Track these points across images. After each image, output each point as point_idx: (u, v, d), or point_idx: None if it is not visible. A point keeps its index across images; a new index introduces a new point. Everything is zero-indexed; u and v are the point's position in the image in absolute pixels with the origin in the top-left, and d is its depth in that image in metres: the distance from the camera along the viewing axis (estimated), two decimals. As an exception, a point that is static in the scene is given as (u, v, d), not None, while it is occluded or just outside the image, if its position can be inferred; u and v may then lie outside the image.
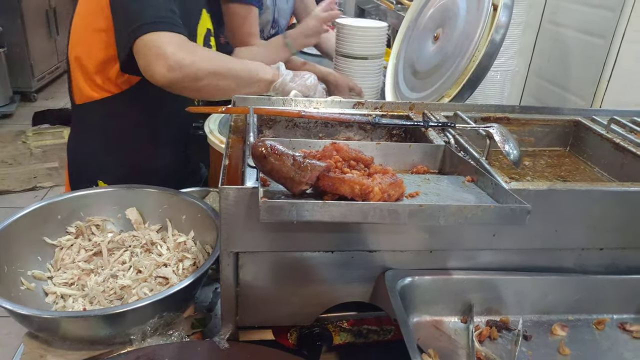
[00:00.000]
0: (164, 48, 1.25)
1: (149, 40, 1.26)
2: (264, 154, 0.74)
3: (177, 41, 1.28)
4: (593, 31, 1.63)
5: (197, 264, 1.14)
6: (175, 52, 1.26)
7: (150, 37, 1.26)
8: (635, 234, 1.01)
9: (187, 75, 1.28)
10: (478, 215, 0.73)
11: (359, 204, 0.71)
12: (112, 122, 1.53)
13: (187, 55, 1.28)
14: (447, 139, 1.10)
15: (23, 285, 1.06)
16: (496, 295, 0.97)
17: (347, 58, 1.90)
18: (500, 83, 1.86)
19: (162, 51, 1.25)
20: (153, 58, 1.26)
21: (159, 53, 1.25)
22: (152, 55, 1.26)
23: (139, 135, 1.56)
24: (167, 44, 1.26)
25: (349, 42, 1.87)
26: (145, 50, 1.27)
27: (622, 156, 1.19)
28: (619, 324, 1.00)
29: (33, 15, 5.49)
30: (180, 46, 1.28)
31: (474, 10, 1.47)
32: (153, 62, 1.26)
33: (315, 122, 1.21)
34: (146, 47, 1.27)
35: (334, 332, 1.02)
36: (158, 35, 1.26)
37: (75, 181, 1.61)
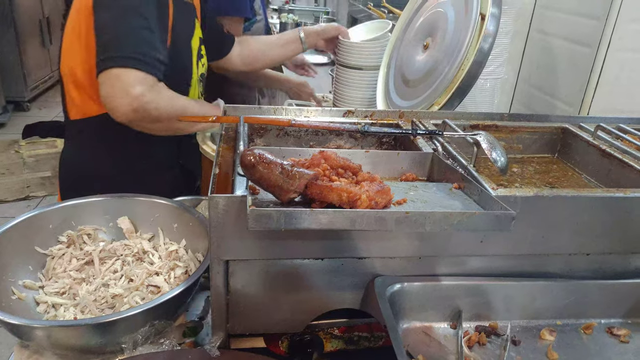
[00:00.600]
0: (132, 87, 1.25)
1: (118, 74, 1.26)
2: (253, 162, 0.75)
3: (146, 82, 1.28)
4: (580, 39, 1.66)
5: (188, 273, 1.14)
6: (142, 94, 1.26)
7: (121, 72, 1.26)
8: (622, 239, 1.02)
9: (147, 117, 1.31)
10: (463, 221, 0.74)
11: (346, 212, 0.72)
12: (108, 138, 1.52)
13: (154, 99, 1.29)
14: (435, 146, 1.11)
15: (14, 295, 1.06)
16: (485, 300, 0.98)
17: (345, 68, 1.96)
18: (490, 91, 1.88)
19: (130, 90, 1.25)
20: (119, 93, 1.26)
21: (126, 91, 1.25)
22: (119, 90, 1.26)
23: (133, 149, 1.55)
24: (135, 83, 1.26)
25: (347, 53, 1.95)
26: (111, 83, 1.26)
27: (609, 162, 1.21)
28: (607, 328, 1.01)
29: (26, 25, 5.50)
30: (149, 89, 1.28)
31: (462, 19, 1.49)
32: (118, 97, 1.26)
33: (306, 131, 1.22)
34: (114, 80, 1.26)
35: (325, 339, 1.03)
36: (128, 72, 1.26)
37: (67, 195, 1.59)
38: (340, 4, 5.29)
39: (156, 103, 1.30)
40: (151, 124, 1.34)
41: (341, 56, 1.97)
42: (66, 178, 1.63)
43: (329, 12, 5.10)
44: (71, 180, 1.62)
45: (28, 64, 5.56)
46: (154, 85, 1.31)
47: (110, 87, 1.26)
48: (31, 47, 5.66)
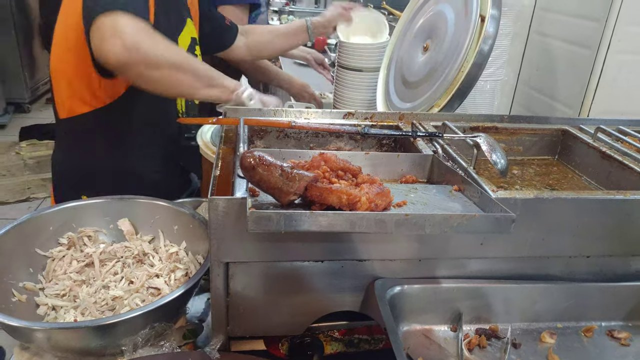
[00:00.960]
0: (122, 27, 1.15)
1: (106, 18, 1.16)
2: (253, 164, 0.75)
3: (138, 24, 1.18)
4: (579, 41, 1.66)
5: (189, 275, 1.14)
6: (135, 33, 1.16)
7: (109, 16, 1.16)
8: (622, 242, 1.02)
9: (144, 60, 1.19)
10: (463, 224, 0.74)
11: (346, 214, 0.72)
12: (97, 136, 1.51)
13: (147, 39, 1.18)
14: (436, 148, 1.11)
15: (14, 297, 1.06)
16: (485, 303, 0.98)
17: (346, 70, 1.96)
18: (490, 92, 1.88)
19: (120, 30, 1.15)
20: (108, 35, 1.16)
21: (115, 31, 1.15)
22: (108, 33, 1.16)
23: (129, 147, 1.54)
24: (126, 24, 1.16)
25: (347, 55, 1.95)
26: (101, 28, 1.17)
27: (609, 164, 1.21)
28: (607, 331, 1.01)
29: (26, 27, 5.51)
30: (142, 29, 1.19)
31: (461, 21, 1.49)
32: (107, 39, 1.16)
33: (306, 133, 1.22)
34: (103, 25, 1.16)
35: (325, 341, 1.03)
36: (117, 14, 1.16)
37: (60, 195, 1.59)
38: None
39: (151, 43, 1.19)
40: (149, 70, 1.21)
41: (342, 58, 1.97)
42: (58, 178, 1.62)
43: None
44: (63, 180, 1.61)
45: (29, 65, 5.57)
46: (146, 27, 1.21)
47: (98, 36, 1.17)
48: (32, 49, 5.67)
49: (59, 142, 1.60)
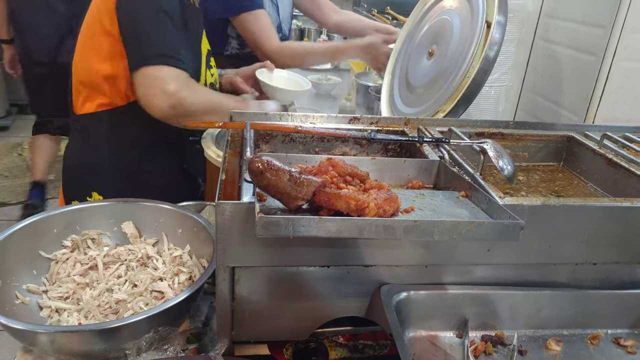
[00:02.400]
0: (167, 85, 1.30)
1: (153, 72, 1.31)
2: (261, 169, 0.74)
3: (180, 79, 1.33)
4: (585, 48, 1.66)
5: (192, 278, 1.14)
6: (178, 90, 1.31)
7: (155, 70, 1.31)
8: (629, 249, 1.02)
9: (184, 113, 1.35)
10: (472, 231, 0.74)
11: (354, 220, 0.72)
12: (112, 134, 1.54)
13: (189, 95, 1.34)
14: (442, 154, 1.11)
15: (18, 299, 1.06)
16: (491, 310, 0.97)
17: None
18: (494, 98, 1.88)
19: (166, 87, 1.30)
20: (156, 91, 1.31)
21: (162, 88, 1.30)
22: (155, 89, 1.31)
23: (137, 148, 1.57)
24: (170, 80, 1.31)
25: None
26: (147, 81, 1.32)
27: (615, 171, 1.21)
28: (614, 338, 1.01)
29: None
30: (183, 84, 1.34)
31: (467, 27, 1.49)
32: (156, 95, 1.31)
33: (311, 137, 1.22)
34: (149, 79, 1.31)
35: (330, 347, 1.02)
36: (162, 69, 1.31)
37: (69, 191, 1.62)
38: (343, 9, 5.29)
39: (191, 98, 1.34)
40: (185, 118, 1.37)
41: None
42: (68, 172, 1.64)
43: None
44: (73, 174, 1.63)
45: (32, 67, 5.56)
46: (187, 81, 1.36)
47: (146, 87, 1.32)
48: (35, 51, 5.66)
49: (73, 137, 1.64)
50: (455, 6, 1.61)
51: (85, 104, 1.52)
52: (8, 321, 0.91)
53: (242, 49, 2.36)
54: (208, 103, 1.41)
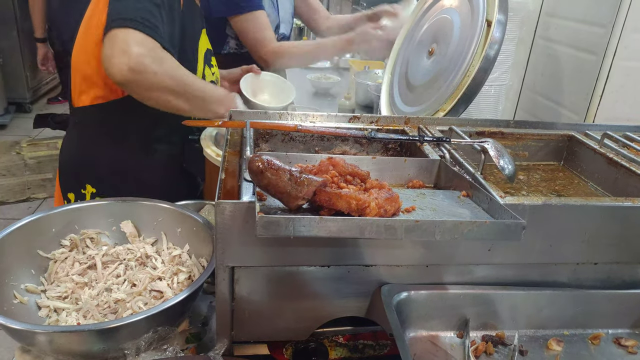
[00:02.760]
0: (131, 46, 1.23)
1: (119, 33, 1.24)
2: (261, 168, 0.74)
3: (147, 45, 1.26)
4: (585, 47, 1.65)
5: (192, 278, 1.13)
6: (142, 54, 1.24)
7: (121, 31, 1.24)
8: (630, 249, 1.01)
9: (143, 83, 1.27)
10: (474, 230, 0.73)
11: (355, 220, 0.72)
12: (107, 128, 1.54)
13: (152, 63, 1.26)
14: (442, 153, 1.11)
15: (16, 299, 1.05)
16: (492, 310, 0.97)
17: None
18: (494, 97, 1.88)
19: (128, 49, 1.23)
20: (117, 52, 1.23)
21: (124, 49, 1.23)
22: (117, 49, 1.24)
23: (133, 144, 1.56)
24: (135, 43, 1.24)
25: None
26: (112, 41, 1.24)
27: (616, 171, 1.21)
28: (614, 339, 1.00)
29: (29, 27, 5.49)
30: (149, 51, 1.26)
31: (468, 26, 1.49)
32: (116, 56, 1.23)
33: (311, 136, 1.21)
34: (114, 39, 1.24)
35: (330, 347, 1.02)
36: (129, 31, 1.24)
37: (65, 183, 1.62)
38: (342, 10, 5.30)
39: (156, 67, 1.26)
40: (147, 91, 1.30)
41: None
42: (64, 164, 1.64)
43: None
44: (69, 166, 1.62)
45: (30, 65, 5.56)
46: (154, 48, 1.28)
47: (109, 48, 1.25)
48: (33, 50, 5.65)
49: (70, 130, 1.64)
50: (455, 5, 1.60)
51: (81, 97, 1.51)
52: (6, 321, 0.90)
53: (240, 48, 2.35)
54: (177, 79, 1.33)
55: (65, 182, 1.62)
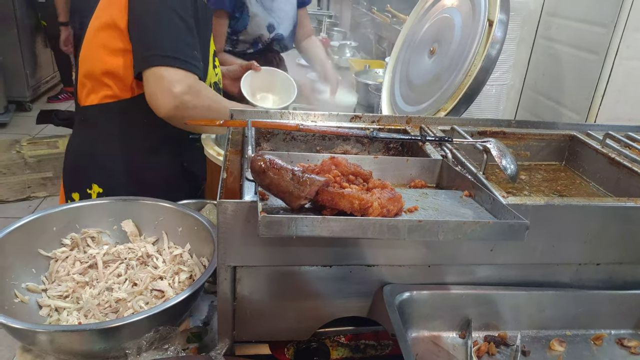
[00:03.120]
0: (174, 86, 1.32)
1: (161, 73, 1.32)
2: (263, 168, 0.74)
3: (187, 82, 1.34)
4: (587, 47, 1.65)
5: (193, 277, 1.13)
6: (184, 93, 1.33)
7: (163, 71, 1.32)
8: (632, 249, 1.01)
9: (187, 116, 1.36)
10: (477, 231, 0.73)
11: (358, 219, 0.71)
12: (114, 127, 1.54)
13: (193, 99, 1.35)
14: (444, 153, 1.10)
15: (17, 298, 1.05)
16: (494, 310, 0.97)
17: None
18: (495, 97, 1.88)
19: (171, 88, 1.32)
20: (162, 91, 1.32)
21: (169, 89, 1.32)
22: (162, 89, 1.32)
23: (138, 144, 1.56)
24: (177, 82, 1.33)
25: None
26: (155, 81, 1.33)
27: (618, 171, 1.20)
28: (617, 339, 1.00)
29: (29, 26, 5.50)
30: (189, 88, 1.35)
31: (469, 25, 1.49)
32: (161, 95, 1.33)
33: (312, 135, 1.21)
34: (157, 79, 1.33)
35: (332, 347, 1.01)
36: (170, 71, 1.32)
37: (70, 183, 1.61)
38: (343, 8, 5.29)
39: (195, 101, 1.36)
40: (185, 119, 1.39)
41: None
42: (69, 163, 1.64)
43: (332, 15, 5.10)
44: (74, 165, 1.62)
45: (30, 64, 5.56)
46: (194, 84, 1.37)
47: (153, 86, 1.33)
48: (34, 47, 5.66)
49: (76, 129, 1.64)
50: (456, 4, 1.60)
51: (89, 96, 1.51)
52: (7, 320, 0.90)
53: (234, 47, 2.36)
54: (212, 108, 1.41)
55: (71, 181, 1.61)
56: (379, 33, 3.68)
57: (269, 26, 2.36)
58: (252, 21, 2.30)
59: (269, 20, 2.35)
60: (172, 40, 1.35)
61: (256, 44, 2.38)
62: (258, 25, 2.33)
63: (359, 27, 4.36)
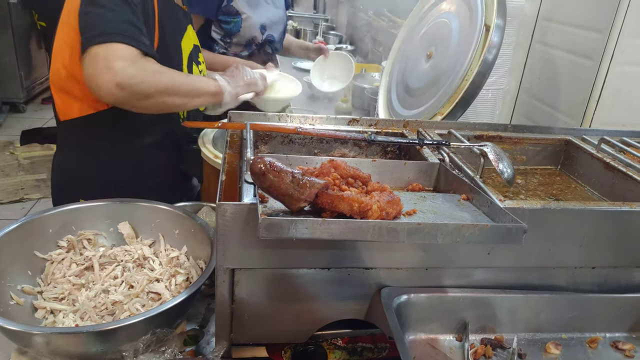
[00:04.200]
0: (113, 62, 1.19)
1: (99, 51, 1.20)
2: (263, 170, 0.74)
3: (129, 55, 1.22)
4: (582, 52, 1.66)
5: (190, 280, 1.13)
6: (125, 67, 1.20)
7: (100, 48, 1.20)
8: (627, 253, 1.02)
9: (134, 94, 1.24)
10: (475, 234, 0.73)
11: (358, 222, 0.72)
12: (98, 140, 1.49)
13: (137, 73, 1.22)
14: (442, 156, 1.11)
15: (12, 300, 1.04)
16: (490, 313, 0.97)
17: None
18: (491, 101, 1.89)
19: (111, 64, 1.19)
20: (101, 70, 1.19)
21: (107, 66, 1.19)
22: (100, 67, 1.19)
23: (126, 152, 1.52)
24: (117, 57, 1.20)
25: None
26: (93, 61, 1.20)
27: (613, 175, 1.21)
28: (612, 342, 1.01)
29: (23, 27, 5.47)
30: (132, 61, 1.22)
31: (466, 30, 1.50)
32: (100, 74, 1.19)
33: (310, 138, 1.21)
34: (95, 58, 1.20)
35: (329, 349, 1.01)
36: (109, 46, 1.20)
37: (59, 199, 1.56)
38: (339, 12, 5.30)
39: (141, 77, 1.23)
40: (140, 101, 1.27)
41: None
42: (57, 181, 1.60)
43: (328, 19, 5.11)
44: (61, 183, 1.58)
45: (25, 65, 5.53)
46: (137, 58, 1.23)
47: (91, 67, 1.20)
48: (28, 48, 5.63)
49: (60, 144, 1.58)
50: (454, 9, 1.61)
51: (65, 111, 1.46)
52: (3, 322, 0.89)
53: (227, 50, 2.36)
54: (165, 81, 1.29)
55: (59, 197, 1.57)
56: (376, 37, 3.69)
57: (261, 27, 2.37)
58: (245, 23, 2.31)
59: (261, 21, 2.37)
60: (112, 18, 1.23)
61: (249, 45, 2.38)
62: (250, 27, 2.33)
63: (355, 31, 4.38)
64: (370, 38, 3.83)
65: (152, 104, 1.29)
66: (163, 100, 1.30)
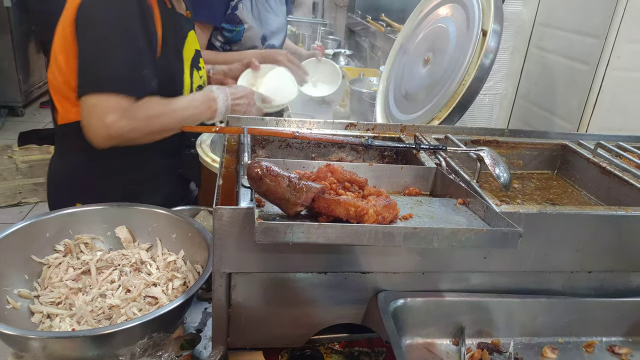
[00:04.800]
0: (105, 116, 1.29)
1: (94, 101, 1.29)
2: (260, 175, 0.74)
3: (121, 107, 1.30)
4: (579, 57, 1.67)
5: (187, 284, 1.13)
6: (116, 121, 1.29)
7: (94, 99, 1.29)
8: (623, 257, 1.02)
9: (126, 140, 1.35)
10: (471, 238, 0.74)
11: (354, 226, 0.72)
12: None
13: (128, 123, 1.32)
14: (439, 161, 1.11)
15: (9, 304, 1.04)
16: (487, 317, 0.97)
17: None
18: (488, 106, 1.89)
19: (104, 119, 1.29)
20: (94, 122, 1.30)
21: (101, 120, 1.29)
22: (94, 119, 1.30)
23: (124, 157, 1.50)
24: (110, 110, 1.29)
25: None
26: (88, 111, 1.31)
27: (609, 180, 1.22)
28: (608, 346, 1.01)
29: (22, 30, 5.47)
30: (123, 113, 1.31)
31: (463, 35, 1.50)
32: (93, 126, 1.31)
33: (308, 143, 1.21)
34: (90, 109, 1.30)
35: (326, 353, 1.01)
36: (101, 98, 1.29)
37: (55, 202, 1.56)
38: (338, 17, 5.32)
39: (132, 126, 1.33)
40: (133, 141, 1.38)
41: None
42: (53, 184, 1.60)
43: (326, 24, 5.13)
44: (57, 186, 1.59)
45: (23, 68, 5.53)
46: (129, 107, 1.32)
47: (87, 117, 1.31)
48: (27, 52, 5.63)
49: (57, 147, 1.59)
50: (451, 14, 1.62)
51: (62, 114, 1.47)
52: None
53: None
54: (157, 125, 1.40)
55: (55, 201, 1.57)
56: (374, 42, 3.70)
57: (262, 37, 2.38)
58: (247, 33, 2.32)
59: (263, 32, 2.37)
60: (110, 60, 1.31)
61: None
62: (252, 38, 2.34)
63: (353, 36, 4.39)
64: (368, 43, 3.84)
65: (145, 141, 1.42)
66: (155, 138, 1.42)
